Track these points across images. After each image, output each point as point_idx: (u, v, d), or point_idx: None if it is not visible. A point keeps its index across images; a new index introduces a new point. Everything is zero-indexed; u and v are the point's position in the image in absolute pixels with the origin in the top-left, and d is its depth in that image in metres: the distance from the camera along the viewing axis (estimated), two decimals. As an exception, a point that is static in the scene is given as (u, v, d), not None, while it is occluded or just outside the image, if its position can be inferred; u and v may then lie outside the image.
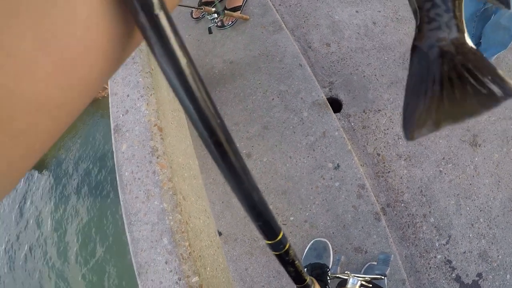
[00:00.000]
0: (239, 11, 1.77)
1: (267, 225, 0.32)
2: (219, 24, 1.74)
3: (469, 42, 0.19)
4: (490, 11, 1.56)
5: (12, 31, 0.11)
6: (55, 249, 3.17)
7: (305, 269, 1.35)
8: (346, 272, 0.66)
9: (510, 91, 0.17)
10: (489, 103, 0.18)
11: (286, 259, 0.37)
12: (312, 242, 1.40)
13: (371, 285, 0.61)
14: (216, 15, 1.59)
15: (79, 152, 3.50)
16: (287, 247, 0.36)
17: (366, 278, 0.62)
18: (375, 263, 1.39)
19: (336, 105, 1.63)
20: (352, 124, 1.56)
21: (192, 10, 1.88)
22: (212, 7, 1.58)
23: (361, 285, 0.61)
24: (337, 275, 0.71)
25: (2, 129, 0.12)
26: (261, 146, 1.46)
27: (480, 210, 1.60)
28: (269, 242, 0.34)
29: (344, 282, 0.65)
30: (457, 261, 1.53)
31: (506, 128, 1.74)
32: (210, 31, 1.65)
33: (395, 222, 1.50)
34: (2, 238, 3.53)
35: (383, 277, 0.73)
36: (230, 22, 1.78)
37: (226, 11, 1.65)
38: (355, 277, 0.61)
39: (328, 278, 1.34)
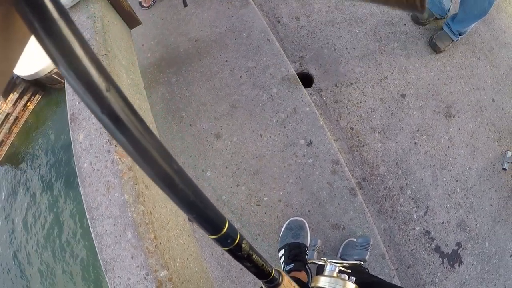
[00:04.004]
0: None
1: (203, 218, 0.28)
2: None
3: None
4: None
5: None
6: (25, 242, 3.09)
7: (282, 250, 1.31)
8: (322, 258, 0.60)
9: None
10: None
11: (239, 254, 0.32)
12: (288, 221, 1.36)
13: (350, 270, 0.56)
14: None
15: (49, 145, 3.40)
16: (237, 240, 0.31)
17: (344, 264, 0.56)
18: (354, 239, 1.37)
19: (307, 80, 1.58)
20: (324, 98, 1.52)
21: None
22: None
23: (340, 270, 0.55)
24: (314, 261, 0.66)
25: None
26: (230, 125, 1.40)
27: (457, 180, 1.59)
28: (213, 237, 0.29)
29: (322, 267, 0.59)
30: (436, 231, 1.53)
31: (479, 98, 1.74)
32: (185, 4, 1.56)
33: (372, 196, 1.47)
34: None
35: (362, 263, 0.68)
36: None
37: None
38: (333, 263, 0.56)
39: (307, 256, 1.31)
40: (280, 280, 0.41)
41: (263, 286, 0.42)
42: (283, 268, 1.29)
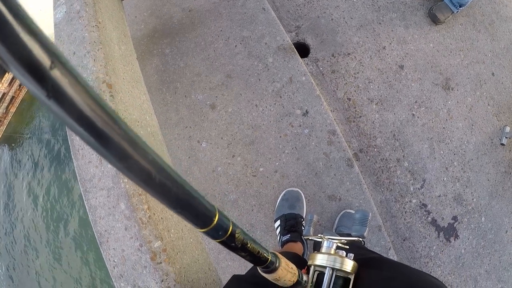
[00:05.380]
0: None
1: (189, 211, 0.25)
2: None
3: None
4: None
5: None
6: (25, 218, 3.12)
7: (278, 221, 1.31)
8: (319, 235, 0.58)
9: None
10: None
11: (232, 245, 0.31)
12: (284, 192, 1.35)
13: (348, 246, 0.54)
14: None
15: (46, 122, 3.40)
16: (230, 230, 0.29)
17: (342, 241, 0.55)
18: (350, 210, 1.36)
19: (303, 49, 1.55)
20: (321, 68, 1.49)
21: None
22: None
23: (337, 247, 0.54)
24: (310, 238, 0.64)
25: None
26: (226, 95, 1.38)
27: (454, 154, 1.58)
28: (202, 230, 0.27)
29: (319, 243, 0.58)
30: (432, 204, 1.53)
31: (479, 71, 1.71)
32: None
33: (369, 168, 1.46)
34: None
35: (361, 239, 0.67)
36: None
37: None
38: (330, 240, 0.54)
39: (303, 227, 1.31)
40: (277, 264, 0.39)
41: (260, 271, 0.41)
42: (279, 239, 1.29)
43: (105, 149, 0.18)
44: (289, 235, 1.25)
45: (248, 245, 0.32)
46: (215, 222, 0.27)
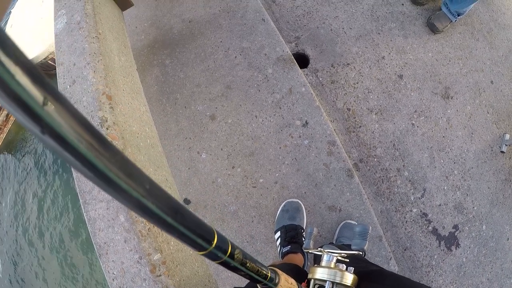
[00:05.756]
0: None
1: (187, 237, 0.25)
2: None
3: None
4: None
5: None
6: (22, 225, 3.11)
7: (279, 232, 1.31)
8: (319, 248, 0.58)
9: None
10: None
11: (231, 265, 0.31)
12: (284, 203, 1.35)
13: (348, 260, 0.54)
14: None
15: None
16: (229, 251, 0.29)
17: (342, 255, 0.55)
18: (351, 221, 1.36)
19: (303, 60, 1.55)
20: (320, 79, 1.49)
21: None
22: None
23: (337, 260, 0.54)
24: (310, 251, 0.64)
25: None
26: (225, 106, 1.38)
27: (454, 162, 1.58)
28: (201, 253, 0.27)
29: (319, 256, 0.58)
30: (433, 213, 1.52)
31: (478, 80, 1.71)
32: None
33: (369, 178, 1.46)
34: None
35: (361, 253, 0.67)
36: None
37: None
38: (330, 253, 0.54)
39: (303, 238, 1.30)
40: (276, 280, 0.39)
41: None
42: (279, 250, 1.28)
43: (102, 181, 0.18)
44: (290, 246, 1.25)
45: (248, 265, 0.32)
46: (214, 244, 0.27)
